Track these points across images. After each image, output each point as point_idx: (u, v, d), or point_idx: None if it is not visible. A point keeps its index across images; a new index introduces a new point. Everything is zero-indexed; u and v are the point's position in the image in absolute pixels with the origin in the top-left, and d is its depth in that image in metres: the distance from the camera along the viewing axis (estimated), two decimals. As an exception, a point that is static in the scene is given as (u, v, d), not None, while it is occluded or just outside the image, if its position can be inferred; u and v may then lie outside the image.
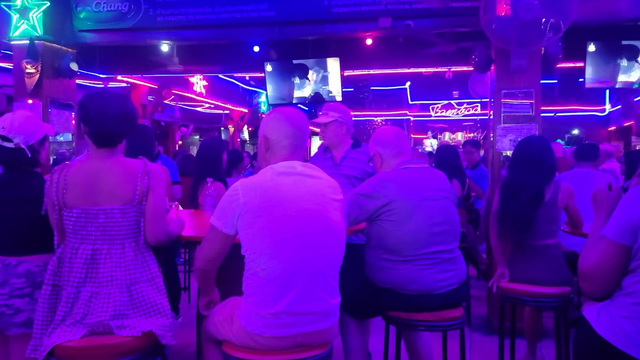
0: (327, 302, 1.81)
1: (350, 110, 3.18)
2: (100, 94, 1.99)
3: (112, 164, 1.93)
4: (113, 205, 1.87)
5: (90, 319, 1.82)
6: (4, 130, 2.04)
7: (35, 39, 4.88)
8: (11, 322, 1.97)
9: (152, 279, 1.94)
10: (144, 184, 1.90)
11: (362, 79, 8.19)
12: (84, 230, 1.87)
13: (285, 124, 1.90)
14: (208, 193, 3.35)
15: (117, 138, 1.95)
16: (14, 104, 5.21)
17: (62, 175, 1.90)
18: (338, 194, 1.90)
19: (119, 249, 1.88)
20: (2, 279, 1.98)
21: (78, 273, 1.85)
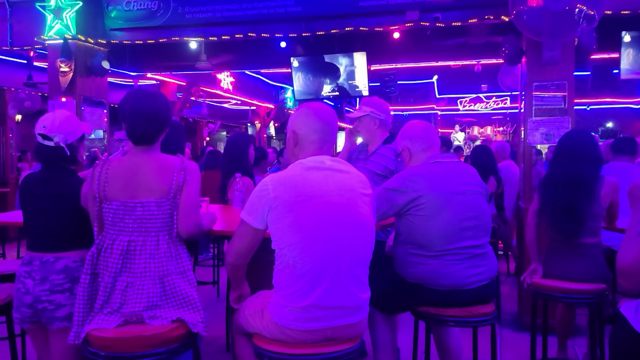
0: (356, 297, 1.81)
1: (388, 105, 3.14)
2: (134, 93, 2.03)
3: (151, 159, 1.98)
4: (150, 198, 1.92)
5: (126, 309, 1.87)
6: (45, 129, 2.10)
7: (68, 38, 5.00)
8: (54, 316, 2.03)
9: (183, 272, 1.98)
10: (179, 178, 1.95)
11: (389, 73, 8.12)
12: (122, 223, 1.92)
13: (313, 119, 1.90)
14: (237, 188, 3.38)
15: (150, 136, 1.99)
16: (48, 102, 5.36)
17: (103, 170, 1.96)
18: (367, 189, 1.90)
19: (154, 241, 1.93)
20: (42, 275, 2.04)
21: (115, 263, 1.90)
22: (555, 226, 2.77)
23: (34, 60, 7.00)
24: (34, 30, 5.26)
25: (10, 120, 8.96)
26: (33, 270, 2.05)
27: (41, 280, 2.03)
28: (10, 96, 8.81)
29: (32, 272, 2.05)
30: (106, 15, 5.13)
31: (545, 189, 2.83)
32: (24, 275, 2.06)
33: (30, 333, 2.18)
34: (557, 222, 2.75)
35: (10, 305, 2.34)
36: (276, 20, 4.62)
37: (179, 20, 4.88)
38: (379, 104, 3.05)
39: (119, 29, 5.14)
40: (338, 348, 1.79)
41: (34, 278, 2.04)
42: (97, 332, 1.82)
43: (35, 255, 2.08)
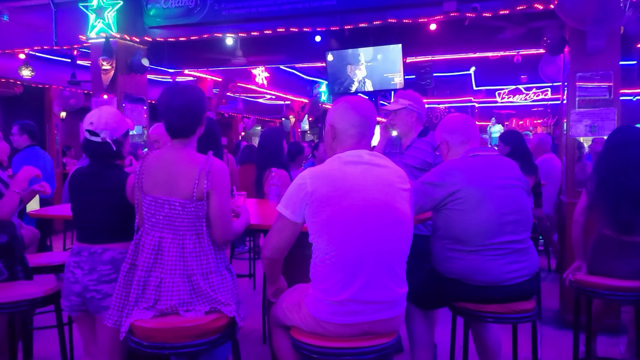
0: (394, 291, 1.80)
1: (423, 98, 3.10)
2: (169, 88, 2.06)
3: (180, 158, 1.99)
4: (176, 198, 1.94)
5: (160, 306, 1.92)
6: (92, 125, 2.16)
7: (110, 36, 5.15)
8: (101, 305, 2.10)
9: (206, 274, 1.96)
10: (202, 184, 1.93)
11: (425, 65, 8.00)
12: (153, 218, 1.97)
13: (352, 113, 1.89)
14: (272, 182, 3.41)
15: (184, 131, 2.01)
16: (91, 99, 5.53)
17: (144, 162, 2.02)
18: (405, 183, 1.88)
19: (181, 240, 1.95)
20: (90, 266, 2.11)
21: (148, 257, 1.95)
22: (614, 218, 2.67)
23: (78, 59, 7.25)
24: (77, 29, 5.44)
25: (55, 117, 9.30)
26: (82, 261, 2.13)
27: (89, 271, 2.10)
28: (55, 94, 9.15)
29: (81, 263, 2.13)
30: (145, 13, 5.25)
31: (601, 180, 2.72)
32: (73, 265, 2.14)
33: (77, 321, 2.26)
34: (615, 213, 2.65)
35: (59, 295, 2.44)
36: (311, 15, 4.62)
37: (215, 17, 4.94)
38: (415, 97, 3.02)
39: (157, 26, 5.25)
40: (375, 342, 1.79)
41: (82, 268, 2.12)
42: (140, 322, 1.88)
43: (83, 247, 2.15)
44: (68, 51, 6.53)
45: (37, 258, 3.10)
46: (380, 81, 5.65)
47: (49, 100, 9.16)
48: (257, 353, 3.42)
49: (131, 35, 5.28)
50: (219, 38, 5.24)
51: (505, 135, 5.05)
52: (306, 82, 11.28)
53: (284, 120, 12.40)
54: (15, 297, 2.33)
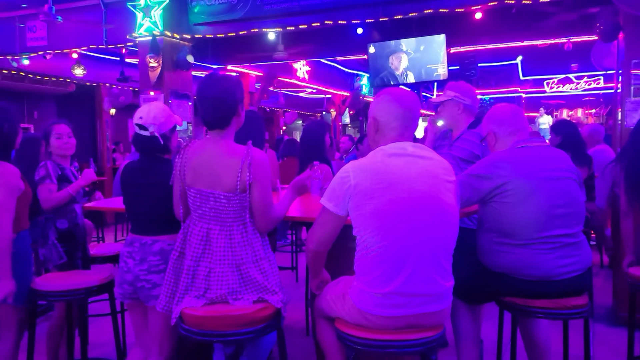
0: (440, 285, 1.79)
1: (474, 89, 3.03)
2: (204, 80, 2.08)
3: (220, 150, 2.01)
4: (220, 191, 1.97)
5: (210, 294, 1.97)
6: (142, 120, 2.23)
7: (156, 34, 5.29)
8: (150, 295, 2.18)
9: (256, 261, 2.01)
10: (245, 176, 1.95)
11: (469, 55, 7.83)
12: (200, 210, 2.01)
13: (394, 105, 1.88)
14: (314, 176, 3.42)
15: (218, 122, 2.02)
16: (139, 96, 5.71)
17: (184, 154, 2.06)
18: (451, 175, 1.85)
19: (228, 230, 1.99)
20: (141, 256, 2.19)
21: (196, 247, 2.00)
22: None
23: (126, 57, 7.49)
24: (125, 28, 5.62)
25: (105, 114, 9.67)
26: (134, 251, 2.21)
27: (140, 261, 2.18)
28: (105, 92, 9.50)
29: (133, 253, 2.21)
30: (190, 10, 5.37)
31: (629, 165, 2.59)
32: (126, 255, 2.23)
33: (129, 309, 2.36)
34: None
35: (112, 284, 2.54)
36: (353, 7, 4.60)
37: (257, 12, 5.00)
38: (463, 88, 2.95)
39: (201, 23, 5.36)
40: (420, 335, 1.78)
41: (134, 258, 2.20)
42: (190, 310, 1.93)
43: (135, 238, 2.23)
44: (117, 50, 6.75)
45: (92, 248, 3.24)
46: (423, 73, 5.57)
47: (99, 97, 9.53)
48: (301, 344, 3.46)
49: (177, 33, 5.42)
50: (261, 33, 5.30)
51: (557, 125, 4.88)
52: (347, 75, 11.24)
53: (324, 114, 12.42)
54: (73, 285, 2.45)
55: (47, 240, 2.75)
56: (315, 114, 15.36)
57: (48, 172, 2.75)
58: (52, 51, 6.39)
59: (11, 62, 6.91)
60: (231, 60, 7.23)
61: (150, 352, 2.24)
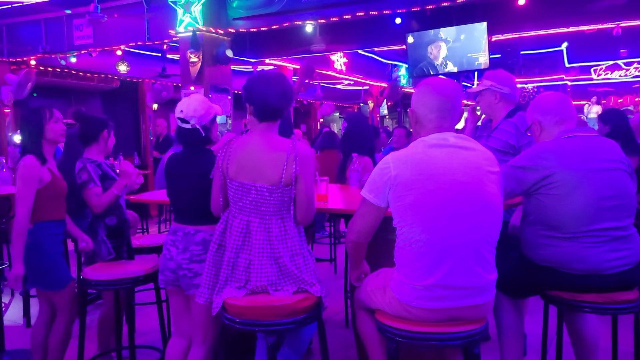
0: (482, 277, 1.76)
1: (513, 77, 2.95)
2: (261, 76, 2.14)
3: (266, 143, 2.04)
4: (263, 184, 2.00)
5: (250, 285, 2.00)
6: (182, 113, 2.28)
7: (196, 30, 5.39)
8: (191, 283, 2.23)
9: (292, 256, 2.03)
10: (290, 169, 1.98)
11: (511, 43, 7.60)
12: (240, 202, 2.05)
13: (431, 96, 1.86)
14: (353, 168, 3.42)
15: (275, 114, 2.08)
16: (181, 91, 5.84)
17: (228, 147, 2.09)
18: (494, 166, 1.81)
19: (267, 223, 2.02)
20: (184, 245, 2.25)
21: (236, 239, 2.04)
22: None
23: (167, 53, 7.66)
24: (166, 24, 5.75)
25: (148, 109, 9.92)
26: (177, 240, 2.27)
27: (183, 250, 2.24)
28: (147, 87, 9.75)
29: (176, 242, 2.27)
30: (229, 5, 5.43)
31: None
32: (169, 243, 2.29)
33: (170, 295, 2.42)
34: None
35: (157, 275, 2.62)
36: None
37: (295, 5, 5.01)
38: (500, 76, 2.88)
39: (240, 17, 5.42)
40: (462, 328, 1.76)
41: (177, 247, 2.25)
42: (233, 300, 1.98)
43: (179, 227, 2.29)
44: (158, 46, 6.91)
45: (138, 239, 3.34)
46: (464, 62, 5.45)
47: (142, 93, 9.78)
48: (340, 335, 3.48)
49: (216, 28, 5.50)
50: (298, 26, 5.32)
51: (605, 114, 4.68)
52: (385, 66, 11.13)
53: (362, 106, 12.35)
54: (120, 275, 2.54)
55: (97, 236, 2.82)
56: (353, 105, 15.29)
57: (90, 176, 2.77)
58: (97, 49, 6.60)
59: (60, 60, 7.20)
60: (269, 53, 7.29)
61: (192, 341, 2.30)
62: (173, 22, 5.61)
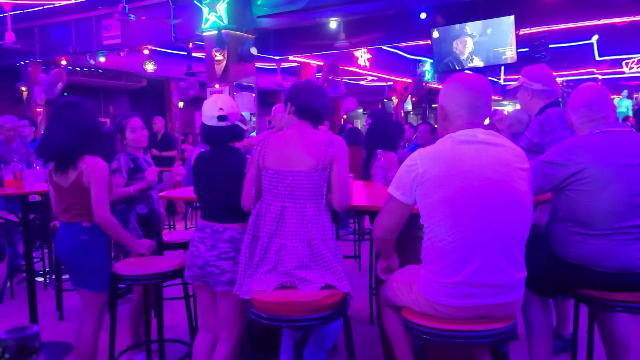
0: (511, 275, 1.73)
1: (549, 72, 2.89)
2: (309, 85, 2.27)
3: (303, 132, 2.14)
4: (300, 168, 2.07)
5: (281, 267, 2.03)
6: (222, 110, 2.30)
7: (221, 28, 5.44)
8: (218, 280, 2.26)
9: (325, 239, 2.08)
10: (327, 152, 2.07)
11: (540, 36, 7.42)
12: (275, 189, 2.10)
13: (461, 92, 1.84)
14: (378, 164, 3.41)
15: (318, 116, 2.20)
16: (206, 89, 5.91)
17: (265, 142, 2.17)
18: (524, 162, 1.79)
19: (302, 207, 2.07)
20: (212, 242, 2.28)
21: (270, 225, 2.09)
22: None
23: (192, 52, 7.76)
24: (192, 24, 5.82)
25: (174, 107, 10.08)
26: (205, 237, 2.30)
27: (211, 247, 2.27)
28: (174, 85, 9.90)
29: (204, 239, 2.30)
30: (253, 3, 5.46)
31: None
32: (197, 240, 2.32)
33: (197, 290, 2.45)
34: None
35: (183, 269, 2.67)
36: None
37: (319, 2, 5.01)
38: (532, 72, 2.83)
39: (264, 15, 5.44)
40: (490, 326, 1.74)
41: (205, 244, 2.29)
42: (259, 295, 2.00)
43: (207, 224, 2.32)
44: (184, 45, 7.01)
45: (165, 235, 3.40)
46: (490, 56, 5.37)
47: (168, 91, 9.95)
48: (365, 332, 3.48)
49: (241, 26, 5.54)
50: (322, 22, 5.32)
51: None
52: (409, 61, 11.04)
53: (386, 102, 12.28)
54: (149, 270, 2.59)
55: (128, 224, 2.91)
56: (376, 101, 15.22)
57: (119, 166, 2.90)
58: (125, 48, 6.72)
59: (89, 60, 7.36)
60: (293, 50, 7.32)
61: (219, 336, 2.33)
62: (199, 21, 5.68)
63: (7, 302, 3.73)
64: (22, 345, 0.54)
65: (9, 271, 3.21)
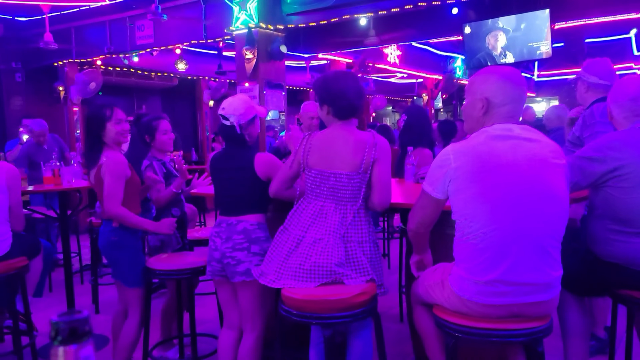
0: (546, 274, 1.69)
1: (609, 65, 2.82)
2: (337, 76, 2.21)
3: (347, 133, 2.13)
4: (342, 170, 2.07)
5: (313, 259, 2.02)
6: (224, 110, 2.40)
7: (252, 27, 5.47)
8: (235, 271, 2.31)
9: (361, 242, 2.09)
10: (370, 155, 2.06)
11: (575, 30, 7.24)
12: (318, 189, 2.12)
13: (510, 86, 1.76)
14: (409, 161, 3.37)
15: (358, 110, 2.17)
16: (236, 87, 5.96)
17: (308, 141, 2.18)
18: (560, 158, 1.73)
19: (342, 209, 2.08)
20: (227, 235, 2.34)
21: (306, 220, 2.11)
22: None
23: (223, 51, 7.84)
24: (223, 22, 5.88)
25: (205, 106, 10.21)
26: (221, 231, 2.36)
27: (226, 239, 2.33)
28: (204, 84, 10.03)
29: (220, 233, 2.36)
30: (283, 1, 5.48)
31: None
32: (214, 235, 2.39)
33: (218, 286, 2.50)
34: None
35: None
36: (447, -14, 4.43)
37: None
38: (591, 66, 2.81)
39: (294, 13, 5.46)
40: (525, 325, 1.70)
41: (221, 237, 2.35)
42: (289, 292, 2.00)
43: (223, 219, 2.39)
44: (215, 44, 7.09)
45: (197, 232, 3.46)
46: (524, 51, 5.24)
47: (199, 90, 10.08)
48: (395, 330, 3.46)
49: (270, 24, 5.56)
50: (352, 19, 5.29)
51: None
52: (440, 57, 10.89)
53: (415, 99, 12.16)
54: (181, 265, 2.64)
55: None
56: (406, 99, 15.08)
57: (155, 172, 2.95)
58: (158, 48, 6.85)
59: (123, 59, 7.53)
60: (322, 48, 7.31)
61: (243, 329, 2.38)
62: (229, 19, 5.73)
63: (46, 295, 3.85)
64: (74, 328, 0.56)
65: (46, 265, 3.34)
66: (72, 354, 0.57)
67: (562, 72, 11.59)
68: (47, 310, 3.99)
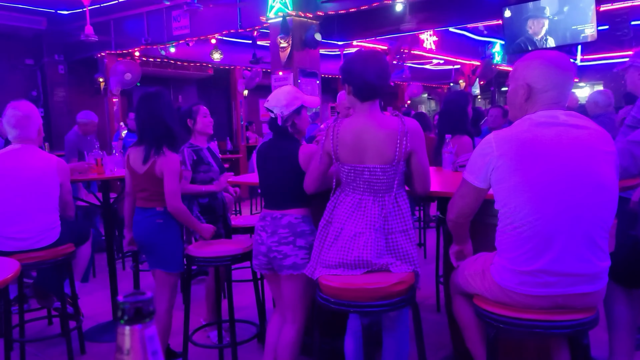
0: (593, 264, 1.63)
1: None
2: (359, 55, 2.15)
3: (374, 123, 2.05)
4: (376, 164, 2.02)
5: (355, 253, 2.01)
6: (269, 103, 2.40)
7: (286, 15, 5.46)
8: (282, 264, 2.32)
9: (406, 230, 2.06)
10: (402, 145, 1.99)
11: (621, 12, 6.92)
12: (353, 183, 2.09)
13: (555, 71, 1.70)
14: (446, 150, 3.31)
15: (379, 90, 2.07)
16: (271, 76, 5.98)
17: (334, 132, 2.11)
18: (609, 145, 1.66)
19: (381, 200, 2.05)
20: (272, 229, 2.34)
21: (344, 213, 2.09)
22: None
23: (257, 40, 7.86)
24: (257, 11, 5.89)
25: (239, 95, 10.29)
26: (266, 225, 2.37)
27: (272, 233, 2.33)
28: (239, 74, 10.10)
29: (266, 226, 2.36)
30: (317, -12, 5.43)
31: None
32: (259, 229, 2.40)
33: (267, 279, 2.53)
34: None
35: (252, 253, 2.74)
36: (486, -32, 4.30)
37: (384, -16, 4.90)
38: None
39: (329, 0, 5.41)
40: (570, 317, 1.66)
41: (266, 231, 2.35)
42: (326, 281, 2.01)
43: (267, 212, 2.40)
44: (249, 33, 7.11)
45: (233, 220, 3.51)
46: (567, 35, 5.05)
47: (234, 79, 10.16)
48: (432, 320, 3.43)
49: (305, 12, 5.54)
50: (387, 5, 5.21)
51: None
52: (478, 43, 10.60)
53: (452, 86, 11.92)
54: (220, 252, 2.68)
55: (192, 213, 3.02)
56: (442, 86, 14.81)
57: (183, 159, 3.01)
58: (194, 38, 6.93)
59: (160, 50, 7.65)
60: (357, 35, 7.23)
61: (285, 319, 2.40)
62: (264, 8, 5.73)
63: (90, 281, 3.98)
64: (139, 308, 0.58)
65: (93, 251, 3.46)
66: (138, 332, 0.59)
67: (607, 56, 11.12)
68: (91, 295, 4.13)
